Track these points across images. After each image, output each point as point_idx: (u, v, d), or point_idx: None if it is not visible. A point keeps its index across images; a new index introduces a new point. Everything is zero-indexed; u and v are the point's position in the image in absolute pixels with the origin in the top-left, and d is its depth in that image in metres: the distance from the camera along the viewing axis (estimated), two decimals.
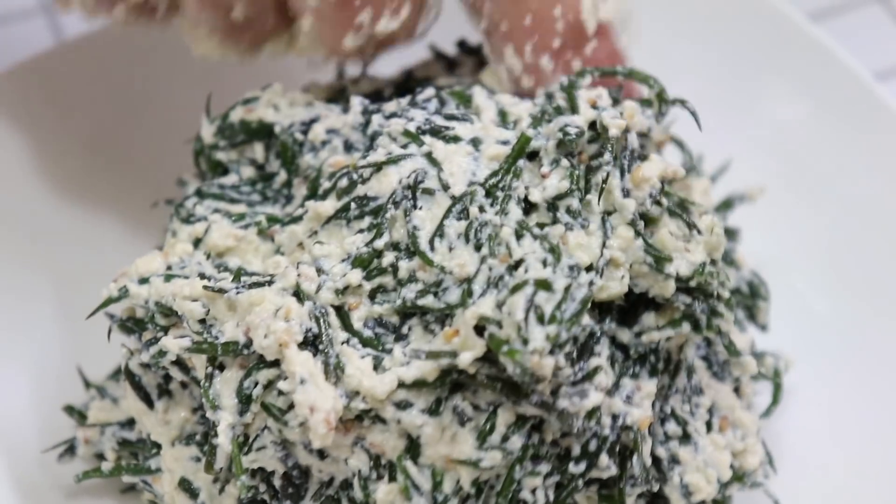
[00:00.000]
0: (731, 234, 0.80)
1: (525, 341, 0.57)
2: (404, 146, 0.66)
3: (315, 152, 0.69)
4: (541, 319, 0.57)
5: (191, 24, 0.70)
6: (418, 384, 0.60)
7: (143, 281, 0.65)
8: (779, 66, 0.89)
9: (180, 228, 0.68)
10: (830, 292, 0.82)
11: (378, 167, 0.64)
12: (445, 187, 0.63)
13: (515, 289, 0.58)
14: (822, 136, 0.87)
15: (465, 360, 0.58)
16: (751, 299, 0.78)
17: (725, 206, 0.82)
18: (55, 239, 0.81)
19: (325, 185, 0.66)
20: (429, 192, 0.63)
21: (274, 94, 0.72)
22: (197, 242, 0.68)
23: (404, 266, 0.62)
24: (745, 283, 0.78)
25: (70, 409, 0.74)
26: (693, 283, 0.64)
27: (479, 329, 0.58)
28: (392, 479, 0.61)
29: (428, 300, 0.61)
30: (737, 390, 0.72)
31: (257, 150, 0.71)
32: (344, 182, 0.65)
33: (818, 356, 0.79)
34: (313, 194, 0.67)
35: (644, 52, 0.80)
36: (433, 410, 0.60)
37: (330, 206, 0.65)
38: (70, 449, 0.73)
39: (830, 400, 0.78)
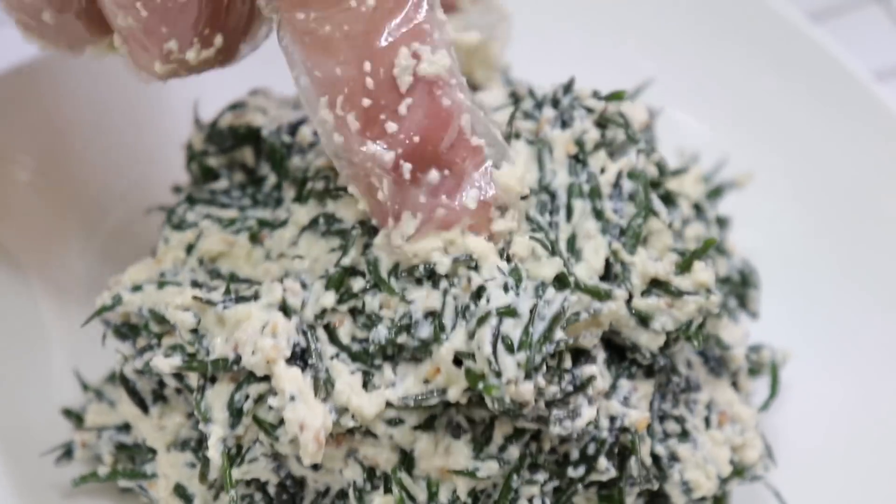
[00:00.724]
0: (722, 222, 0.79)
1: (498, 374, 0.56)
2: None
3: (303, 154, 0.68)
4: (510, 349, 0.56)
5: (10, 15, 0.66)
6: (408, 405, 0.59)
7: (137, 288, 0.65)
8: (776, 64, 0.89)
9: (172, 235, 0.68)
10: (825, 281, 0.82)
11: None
12: None
13: (481, 321, 0.57)
14: (818, 132, 0.87)
15: (454, 395, 0.58)
16: (742, 288, 0.77)
17: (715, 193, 0.82)
18: (52, 244, 0.81)
19: (309, 186, 0.66)
20: None
21: (261, 98, 0.72)
22: (189, 249, 0.67)
23: (370, 301, 0.61)
24: (736, 272, 0.77)
25: (68, 413, 0.74)
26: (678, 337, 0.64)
27: (458, 361, 0.58)
28: (387, 490, 0.61)
29: (403, 338, 0.60)
30: (734, 384, 0.72)
31: (247, 155, 0.71)
32: (320, 185, 0.65)
33: (812, 345, 0.79)
34: (299, 196, 0.67)
35: (645, 50, 0.80)
36: (426, 426, 0.60)
37: (305, 215, 0.65)
38: (68, 452, 0.73)
39: (827, 389, 0.78)
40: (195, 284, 0.65)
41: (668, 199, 0.68)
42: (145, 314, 0.64)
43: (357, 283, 0.62)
